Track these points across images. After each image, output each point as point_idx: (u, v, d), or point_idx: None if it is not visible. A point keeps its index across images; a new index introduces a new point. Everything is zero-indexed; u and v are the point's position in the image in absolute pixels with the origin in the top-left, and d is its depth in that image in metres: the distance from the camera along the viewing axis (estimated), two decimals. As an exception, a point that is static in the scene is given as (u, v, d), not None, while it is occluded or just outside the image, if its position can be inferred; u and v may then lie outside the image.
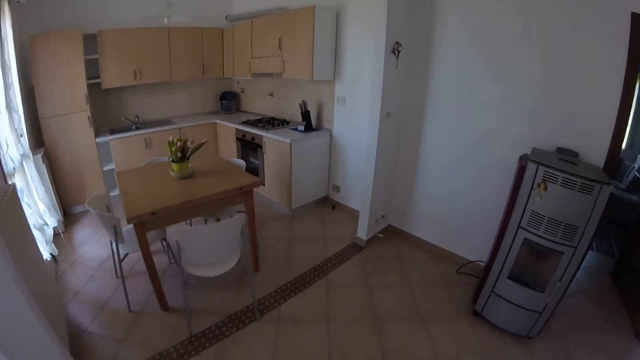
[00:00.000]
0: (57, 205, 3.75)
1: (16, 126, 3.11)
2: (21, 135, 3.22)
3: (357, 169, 3.64)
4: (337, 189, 4.03)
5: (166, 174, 2.78)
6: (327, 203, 4.20)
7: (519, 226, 2.14)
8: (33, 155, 3.43)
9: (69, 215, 4.07)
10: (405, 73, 2.96)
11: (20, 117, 3.26)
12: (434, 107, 2.92)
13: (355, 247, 3.30)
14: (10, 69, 3.16)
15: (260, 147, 3.92)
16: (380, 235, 3.41)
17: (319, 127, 3.95)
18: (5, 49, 3.12)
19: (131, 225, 2.27)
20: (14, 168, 2.89)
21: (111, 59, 4.10)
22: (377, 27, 2.65)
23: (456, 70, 2.72)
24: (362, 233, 3.28)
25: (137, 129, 4.51)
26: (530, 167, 2.00)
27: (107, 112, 4.58)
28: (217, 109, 5.36)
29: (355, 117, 3.53)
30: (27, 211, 2.86)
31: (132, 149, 4.30)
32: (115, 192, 4.33)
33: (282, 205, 3.96)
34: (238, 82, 5.30)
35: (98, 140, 4.08)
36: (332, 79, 3.66)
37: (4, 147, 2.80)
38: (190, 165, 2.81)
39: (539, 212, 2.03)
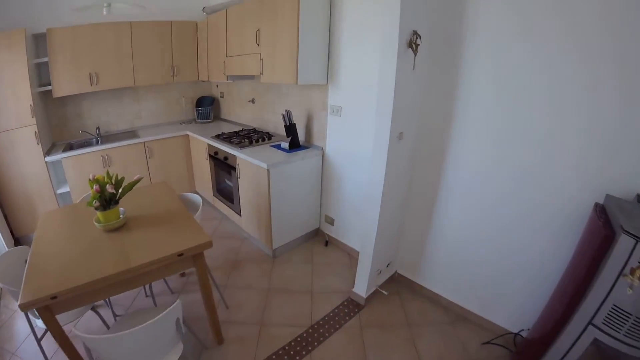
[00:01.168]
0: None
1: None
2: None
3: (356, 198, 2.93)
4: (330, 221, 3.30)
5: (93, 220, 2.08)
6: (319, 237, 3.48)
7: (590, 322, 1.43)
8: None
9: (23, 244, 3.38)
10: (424, 79, 2.20)
11: None
12: (462, 130, 2.16)
13: (352, 306, 2.59)
14: None
15: (234, 168, 3.22)
16: (385, 293, 2.67)
17: (308, 144, 3.23)
18: None
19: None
20: None
21: (62, 62, 3.50)
22: (388, 7, 1.87)
23: (496, 81, 1.95)
24: (361, 288, 2.57)
25: (98, 143, 3.94)
26: (624, 242, 1.27)
27: (64, 124, 4.00)
28: (193, 117, 4.66)
29: (354, 133, 2.78)
30: None
31: (88, 168, 3.65)
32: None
33: (261, 242, 3.25)
34: (217, 86, 4.58)
35: (48, 159, 3.48)
36: (325, 83, 2.89)
37: None
38: (122, 210, 2.16)
39: (624, 308, 1.33)
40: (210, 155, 3.63)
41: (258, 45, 2.96)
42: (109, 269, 1.70)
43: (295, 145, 3.09)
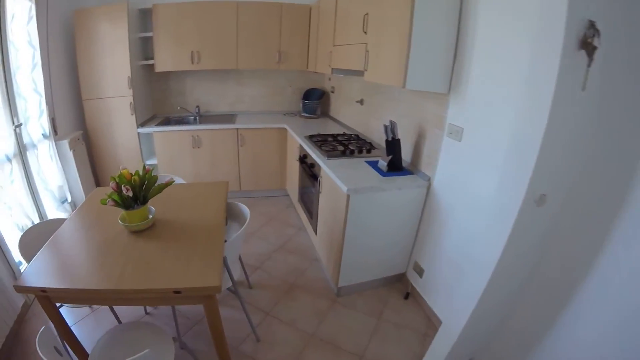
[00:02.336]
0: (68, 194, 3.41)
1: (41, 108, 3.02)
2: (19, 125, 2.81)
3: (460, 254, 2.14)
4: (419, 271, 2.55)
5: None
6: (401, 285, 2.77)
7: None
8: (60, 140, 3.23)
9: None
10: (599, 105, 1.32)
11: (42, 97, 3.03)
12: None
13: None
14: (36, 50, 2.92)
15: (318, 180, 2.73)
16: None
17: (412, 169, 2.51)
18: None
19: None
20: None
21: (166, 38, 3.55)
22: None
23: None
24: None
25: (195, 121, 3.97)
26: None
27: (166, 98, 4.11)
28: (299, 109, 4.32)
29: (475, 167, 1.98)
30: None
31: (176, 146, 3.71)
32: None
33: (329, 273, 2.71)
34: (329, 79, 4.12)
35: (140, 130, 3.63)
36: (445, 92, 2.11)
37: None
38: (152, 210, 1.97)
39: None
40: (300, 157, 3.21)
41: (365, 33, 2.36)
42: (104, 281, 1.54)
43: (395, 167, 2.43)
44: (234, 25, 3.57)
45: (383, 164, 2.45)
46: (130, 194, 1.79)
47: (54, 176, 3.18)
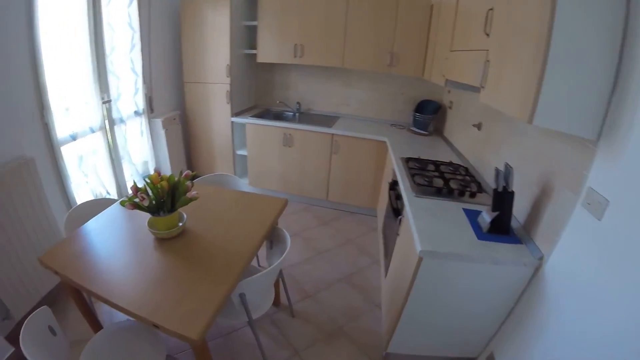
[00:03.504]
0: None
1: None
2: (108, 101, 3.04)
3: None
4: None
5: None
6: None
7: None
8: (154, 118, 3.50)
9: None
10: None
11: (138, 77, 3.26)
12: None
13: None
14: (135, 32, 3.16)
15: (400, 215, 2.22)
16: None
17: (521, 236, 1.78)
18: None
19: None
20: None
21: (270, 28, 3.47)
22: None
23: None
24: None
25: (294, 117, 3.88)
26: None
27: (268, 90, 4.08)
28: (409, 121, 3.75)
29: (619, 270, 1.22)
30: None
31: (267, 142, 3.65)
32: (244, 183, 3.99)
33: (382, 329, 2.26)
34: (449, 91, 3.43)
35: (234, 119, 3.67)
36: (593, 139, 1.38)
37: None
38: (182, 217, 1.92)
39: None
40: (391, 182, 2.71)
41: (487, 35, 1.74)
42: (101, 285, 1.57)
43: (499, 228, 1.76)
44: (342, 19, 3.24)
45: (485, 220, 1.80)
46: (146, 203, 1.70)
47: (141, 151, 3.39)
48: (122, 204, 1.70)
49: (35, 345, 1.39)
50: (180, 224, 1.86)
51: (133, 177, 3.32)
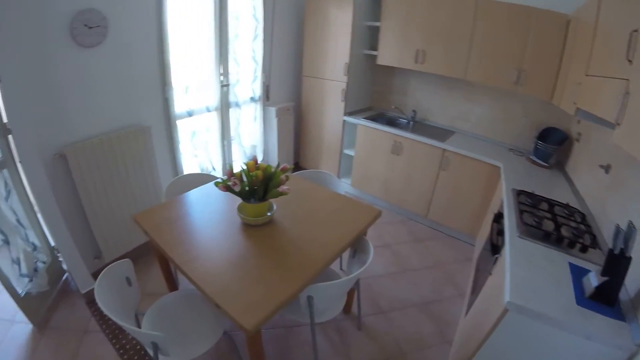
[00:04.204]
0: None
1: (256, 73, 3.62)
2: (227, 85, 3.44)
3: None
4: None
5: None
6: None
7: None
8: (269, 106, 3.83)
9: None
10: None
11: (258, 65, 3.61)
12: None
13: None
14: (259, 23, 3.47)
15: (497, 254, 2.06)
16: None
17: (627, 312, 1.47)
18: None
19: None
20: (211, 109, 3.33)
21: (392, 30, 3.48)
22: None
23: None
24: None
25: (408, 125, 3.87)
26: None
27: (385, 93, 4.12)
28: (529, 149, 3.35)
29: None
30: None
31: (376, 146, 3.73)
32: (346, 183, 4.18)
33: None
34: (579, 121, 2.93)
35: (346, 118, 3.83)
36: None
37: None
38: (271, 207, 2.06)
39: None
40: (497, 213, 2.48)
41: (630, 62, 1.48)
42: (182, 255, 1.76)
43: (604, 298, 1.49)
44: (468, 28, 3.06)
45: (591, 283, 1.55)
46: (237, 188, 1.90)
47: (252, 136, 3.76)
48: (216, 184, 1.90)
49: (109, 290, 1.66)
50: (269, 214, 2.00)
51: (241, 158, 3.72)
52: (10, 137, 2.40)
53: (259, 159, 3.78)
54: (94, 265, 2.89)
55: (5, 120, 2.35)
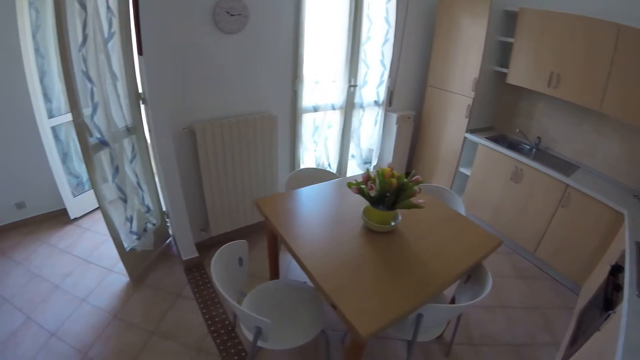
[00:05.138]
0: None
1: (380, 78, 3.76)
2: (354, 86, 3.64)
3: None
4: None
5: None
6: None
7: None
8: (391, 111, 3.96)
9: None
10: None
11: (385, 70, 3.74)
12: None
13: None
14: (390, 27, 3.56)
15: (610, 310, 1.93)
16: None
17: None
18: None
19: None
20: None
21: (525, 49, 3.37)
22: None
23: None
24: None
25: (530, 153, 3.71)
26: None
27: (508, 114, 4.00)
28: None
29: None
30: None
31: (494, 169, 3.67)
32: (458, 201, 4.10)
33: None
34: None
35: (467, 135, 3.83)
36: None
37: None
38: (397, 218, 2.12)
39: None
40: (613, 265, 2.27)
41: None
42: (301, 248, 1.86)
43: None
44: (608, 55, 2.84)
45: None
46: (373, 193, 1.90)
47: (370, 139, 3.95)
48: (349, 185, 1.98)
49: (222, 267, 1.86)
50: (393, 224, 2.08)
51: (356, 160, 3.93)
52: (142, 106, 2.68)
53: (373, 163, 3.85)
54: (199, 237, 3.14)
55: (140, 90, 2.63)
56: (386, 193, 1.97)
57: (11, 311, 2.88)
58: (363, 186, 2.00)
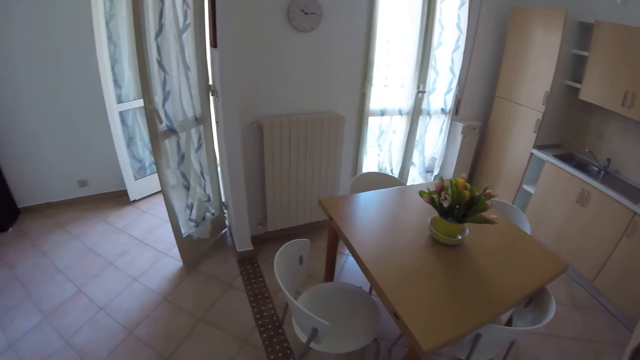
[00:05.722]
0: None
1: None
2: (422, 92, 3.66)
3: None
4: None
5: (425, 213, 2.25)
6: None
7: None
8: (457, 121, 3.94)
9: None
10: None
11: (454, 77, 3.71)
12: None
13: None
14: (462, 34, 3.53)
15: None
16: None
17: None
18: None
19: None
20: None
21: (600, 64, 3.22)
22: None
23: None
24: None
25: (598, 175, 3.53)
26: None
27: (578, 132, 3.85)
28: None
29: None
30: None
31: (560, 189, 3.54)
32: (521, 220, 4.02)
33: None
34: None
35: (534, 151, 3.74)
36: None
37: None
38: (464, 232, 2.07)
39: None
40: None
41: None
42: (370, 261, 1.83)
43: None
44: None
45: None
46: (446, 204, 1.89)
47: (433, 147, 3.95)
48: (421, 194, 1.98)
49: (283, 262, 1.91)
50: (460, 237, 2.07)
51: (416, 166, 3.95)
52: (212, 98, 2.79)
53: (434, 172, 3.87)
54: (255, 230, 3.24)
55: (210, 82, 2.73)
56: (456, 205, 1.94)
57: (64, 282, 3.10)
58: (435, 196, 1.98)
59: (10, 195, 3.93)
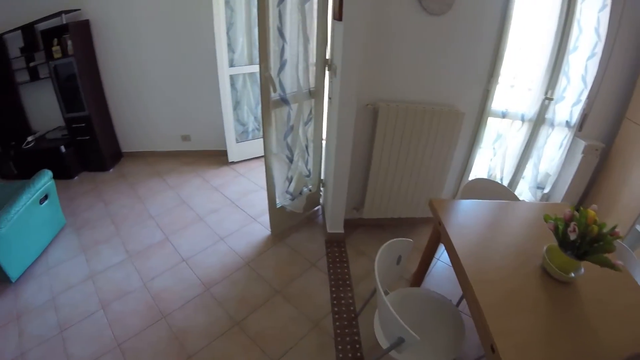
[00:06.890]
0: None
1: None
2: (550, 99, 3.31)
3: None
4: None
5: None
6: None
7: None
8: (579, 137, 3.50)
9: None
10: None
11: (585, 88, 3.28)
12: None
13: None
14: (600, 41, 3.12)
15: None
16: None
17: None
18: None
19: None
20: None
21: None
22: None
23: None
24: None
25: None
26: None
27: None
28: None
29: None
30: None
31: None
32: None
33: None
34: None
35: None
36: None
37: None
38: (579, 271, 1.79)
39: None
40: None
41: None
42: (477, 282, 1.70)
43: None
44: None
45: None
46: (572, 237, 1.69)
47: (550, 162, 3.52)
48: (546, 219, 1.78)
49: (382, 260, 1.83)
50: (573, 275, 1.80)
51: (526, 180, 3.60)
52: (327, 72, 2.74)
53: (545, 189, 3.54)
54: (349, 214, 3.21)
55: (328, 56, 2.68)
56: (578, 239, 1.70)
57: (154, 227, 3.30)
58: (561, 225, 1.75)
59: (116, 139, 4.23)
